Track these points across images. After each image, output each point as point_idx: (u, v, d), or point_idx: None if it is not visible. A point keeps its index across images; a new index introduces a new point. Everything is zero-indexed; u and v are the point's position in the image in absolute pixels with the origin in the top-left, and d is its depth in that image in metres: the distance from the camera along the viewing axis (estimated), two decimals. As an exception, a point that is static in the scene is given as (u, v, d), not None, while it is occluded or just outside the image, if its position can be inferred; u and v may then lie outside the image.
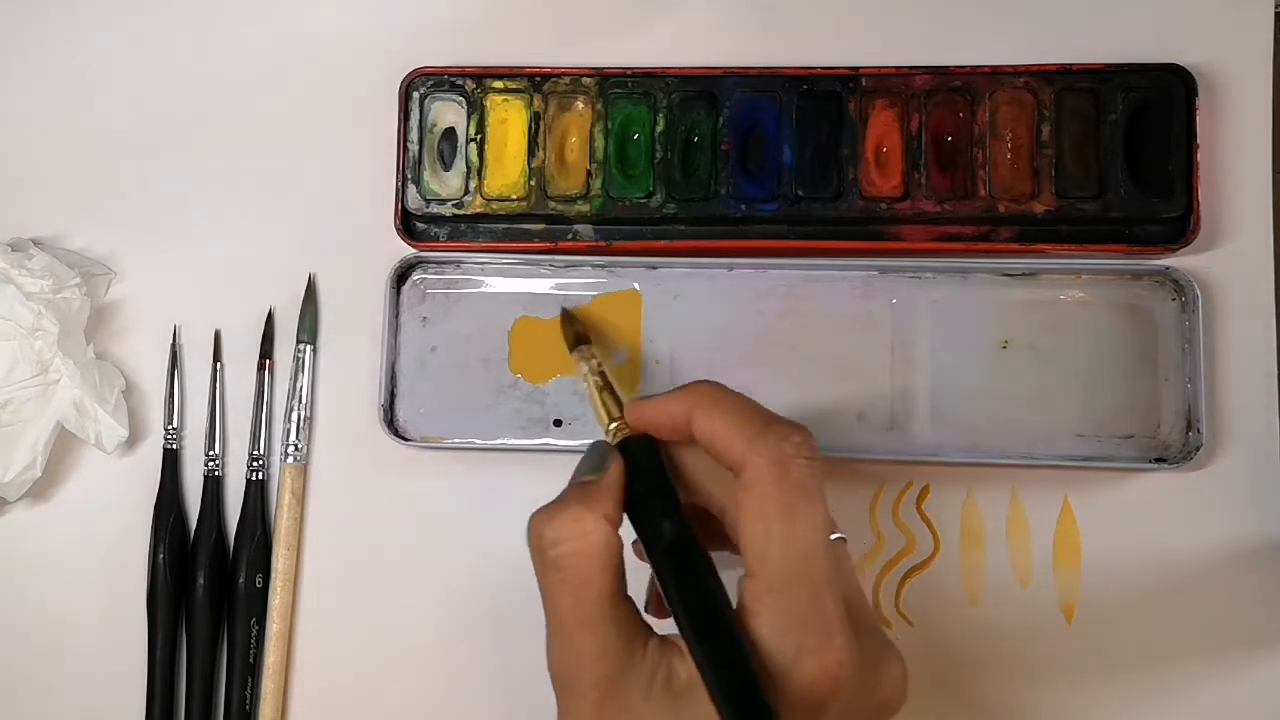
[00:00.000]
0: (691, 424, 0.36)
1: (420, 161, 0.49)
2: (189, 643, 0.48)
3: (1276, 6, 0.49)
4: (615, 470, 0.37)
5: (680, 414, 0.36)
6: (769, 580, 0.33)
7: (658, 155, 0.48)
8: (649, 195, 0.48)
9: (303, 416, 0.49)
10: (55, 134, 0.52)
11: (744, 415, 0.35)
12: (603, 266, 0.48)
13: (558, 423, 0.48)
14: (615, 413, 0.40)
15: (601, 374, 0.42)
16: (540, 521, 0.35)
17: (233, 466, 0.50)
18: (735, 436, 0.34)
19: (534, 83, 0.49)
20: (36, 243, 0.50)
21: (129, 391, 0.49)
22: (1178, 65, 0.47)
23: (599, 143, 0.48)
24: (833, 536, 0.35)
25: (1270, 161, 0.48)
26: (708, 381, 0.37)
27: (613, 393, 0.41)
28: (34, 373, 0.48)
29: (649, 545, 0.35)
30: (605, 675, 0.33)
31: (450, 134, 0.49)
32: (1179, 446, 0.46)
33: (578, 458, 0.46)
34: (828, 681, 0.32)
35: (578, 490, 0.36)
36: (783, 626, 0.32)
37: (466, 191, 0.49)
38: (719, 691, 0.32)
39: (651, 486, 0.36)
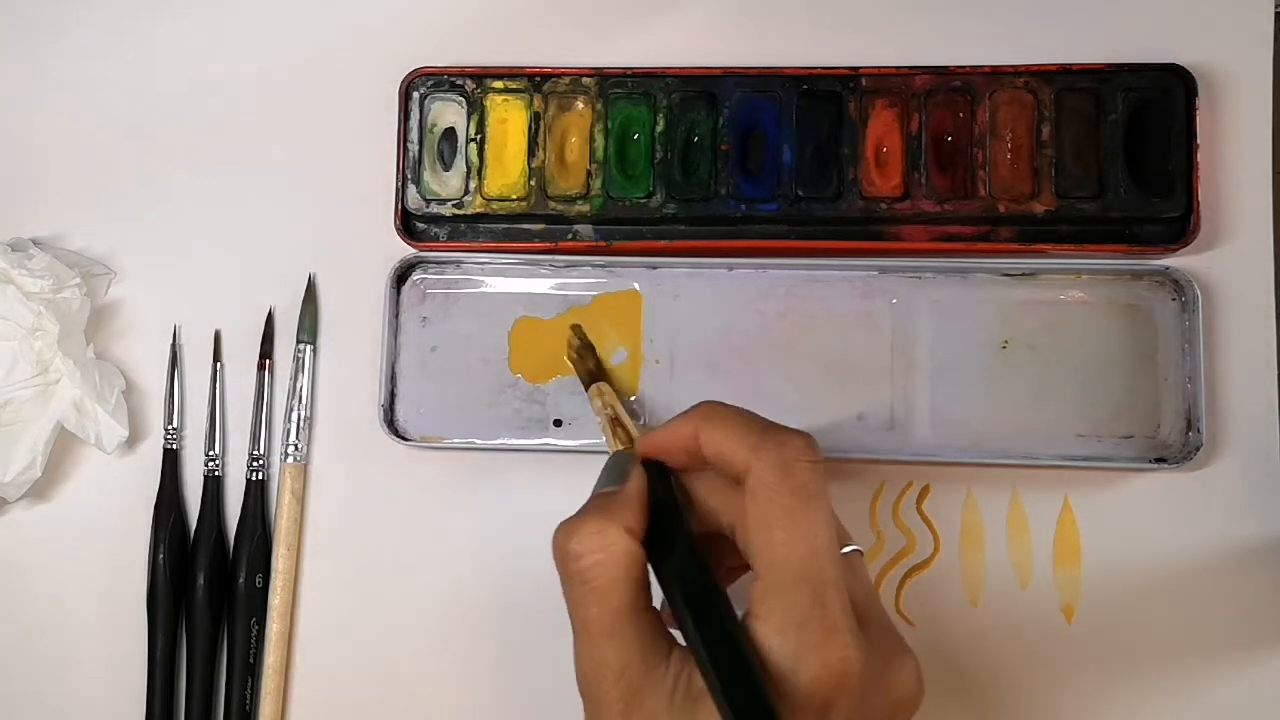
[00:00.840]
0: (699, 440, 0.36)
1: (420, 161, 0.49)
2: (189, 643, 0.48)
3: (1276, 6, 0.49)
4: (636, 480, 0.37)
5: (688, 434, 0.36)
6: (773, 581, 0.33)
7: (658, 155, 0.48)
8: (649, 195, 0.48)
9: (303, 416, 0.49)
10: (55, 134, 0.52)
11: (746, 425, 0.35)
12: (603, 266, 0.48)
13: (558, 423, 0.48)
14: (627, 444, 0.41)
15: (612, 413, 0.44)
16: (564, 535, 0.35)
17: (233, 466, 0.50)
18: (739, 445, 0.35)
19: (534, 83, 0.49)
20: (36, 243, 0.50)
21: (129, 391, 0.49)
22: (1178, 65, 0.47)
23: (599, 143, 0.48)
24: (845, 550, 0.36)
25: (1270, 161, 0.48)
26: (709, 401, 0.37)
27: (623, 427, 0.43)
28: (34, 373, 0.48)
29: (658, 565, 0.35)
30: (630, 685, 0.33)
31: (450, 134, 0.49)
32: (1179, 446, 0.46)
33: (578, 458, 0.46)
34: (832, 679, 0.32)
35: (600, 501, 0.36)
36: (786, 627, 0.32)
37: (466, 191, 0.49)
38: (729, 709, 0.32)
39: (660, 508, 0.36)
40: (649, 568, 0.35)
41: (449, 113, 0.49)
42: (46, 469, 0.48)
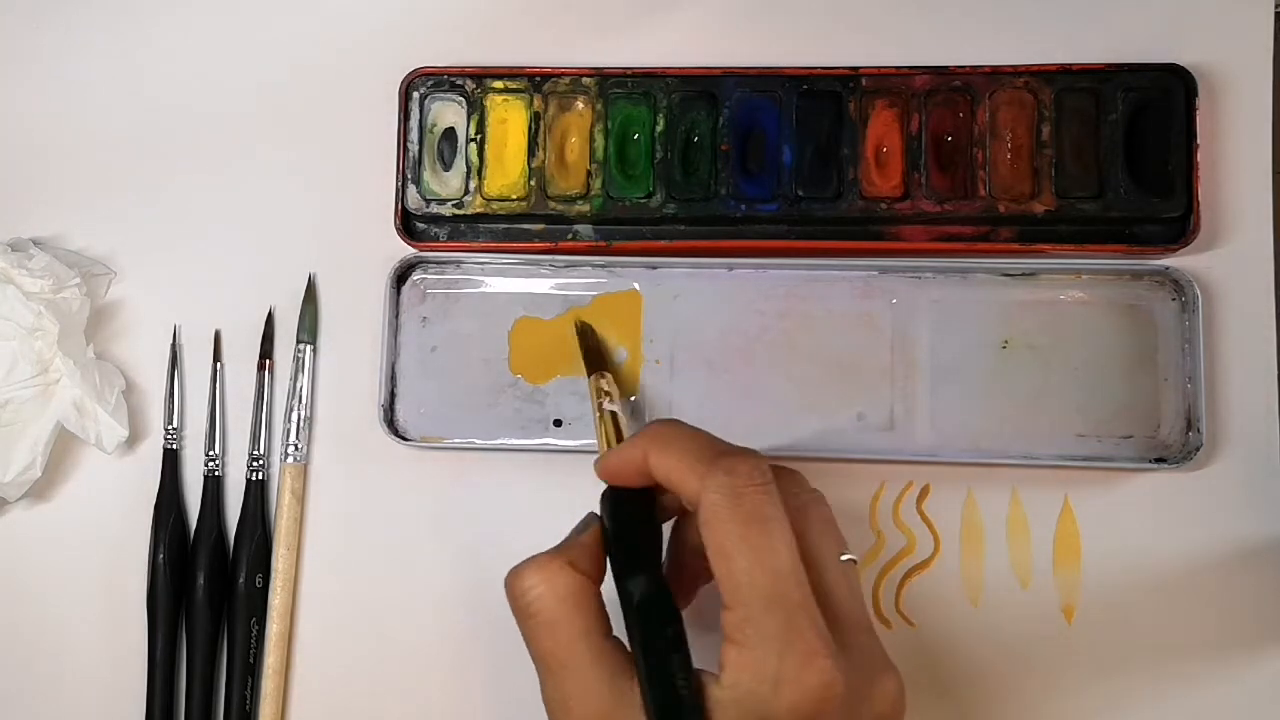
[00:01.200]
0: (649, 466, 0.36)
1: (420, 161, 0.49)
2: (189, 643, 0.48)
3: (1277, 6, 0.49)
4: (593, 532, 0.37)
5: (638, 458, 0.36)
6: (743, 611, 0.33)
7: (658, 155, 0.48)
8: (649, 195, 0.48)
9: (303, 416, 0.49)
10: (55, 134, 0.52)
11: (694, 452, 0.35)
12: (603, 266, 0.48)
13: (558, 423, 0.48)
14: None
15: (611, 408, 0.42)
16: (511, 575, 0.36)
17: (233, 466, 0.50)
18: (687, 475, 0.35)
19: (534, 83, 0.49)
20: (36, 243, 0.50)
21: (129, 391, 0.49)
22: (1178, 65, 0.47)
23: (599, 143, 0.48)
24: (843, 558, 0.36)
25: (1270, 161, 0.48)
26: (661, 420, 0.37)
27: (618, 429, 0.41)
28: (34, 373, 0.48)
29: (622, 600, 0.35)
30: (596, 712, 0.34)
31: (450, 134, 0.49)
32: (1179, 446, 0.46)
33: (578, 458, 0.46)
34: (812, 704, 0.32)
35: (551, 548, 0.36)
36: (765, 654, 0.32)
37: (466, 191, 0.49)
38: None
39: (629, 541, 0.37)
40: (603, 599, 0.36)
41: (449, 113, 0.49)
42: (46, 469, 0.48)
